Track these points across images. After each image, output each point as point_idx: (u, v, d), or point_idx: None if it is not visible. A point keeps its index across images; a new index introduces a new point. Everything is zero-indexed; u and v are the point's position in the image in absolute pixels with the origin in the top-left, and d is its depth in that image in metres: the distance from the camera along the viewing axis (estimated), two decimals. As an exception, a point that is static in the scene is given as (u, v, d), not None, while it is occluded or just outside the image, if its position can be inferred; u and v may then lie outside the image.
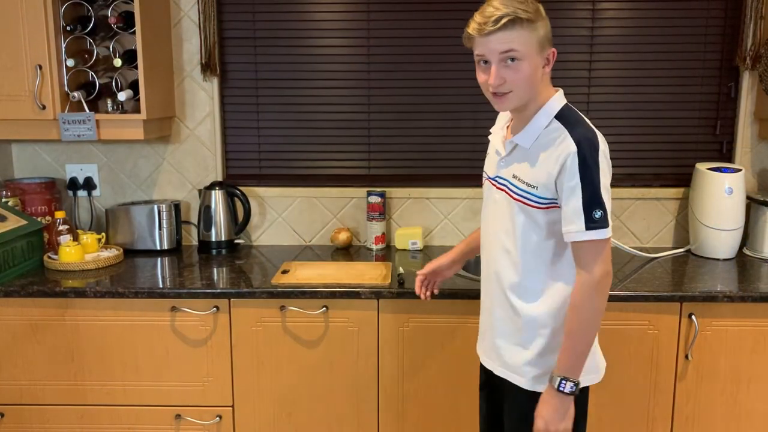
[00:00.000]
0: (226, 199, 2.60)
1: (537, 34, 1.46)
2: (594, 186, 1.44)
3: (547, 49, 1.50)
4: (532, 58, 1.46)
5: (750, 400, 2.14)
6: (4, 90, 2.28)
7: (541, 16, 1.47)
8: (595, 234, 1.45)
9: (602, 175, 1.45)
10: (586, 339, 1.50)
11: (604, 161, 1.46)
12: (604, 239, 1.46)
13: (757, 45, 2.51)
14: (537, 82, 1.50)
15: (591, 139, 1.46)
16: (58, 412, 2.21)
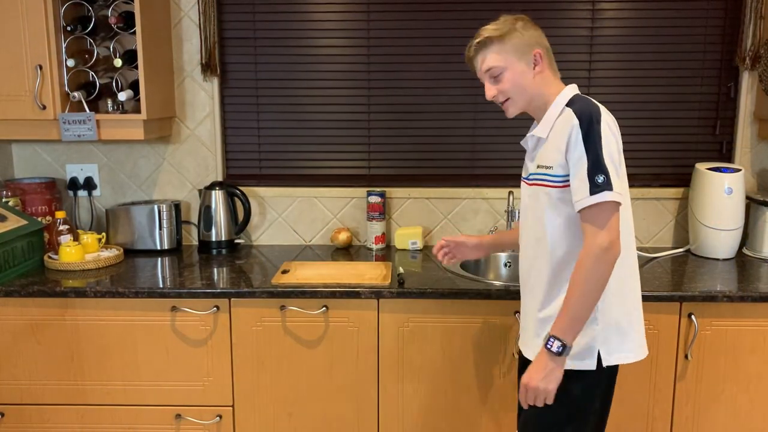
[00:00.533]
0: (226, 199, 2.60)
1: (510, 45, 1.60)
2: (596, 154, 1.47)
3: (528, 53, 1.60)
4: (512, 66, 1.60)
5: (750, 400, 2.15)
6: (5, 90, 2.29)
7: (513, 29, 1.61)
8: (599, 197, 1.46)
9: (605, 143, 1.48)
10: (584, 305, 1.49)
11: (607, 130, 1.49)
12: (609, 202, 1.46)
13: (756, 45, 2.51)
14: (530, 85, 1.61)
15: (591, 111, 1.50)
16: (58, 412, 2.21)
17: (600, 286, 1.49)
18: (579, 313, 1.50)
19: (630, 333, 1.60)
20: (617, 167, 1.50)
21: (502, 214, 2.68)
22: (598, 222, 1.47)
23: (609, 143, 1.48)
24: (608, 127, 1.50)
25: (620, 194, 1.48)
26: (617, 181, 1.48)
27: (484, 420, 2.18)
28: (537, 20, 2.60)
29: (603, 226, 1.46)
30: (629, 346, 1.60)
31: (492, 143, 2.69)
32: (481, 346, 2.13)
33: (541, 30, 1.67)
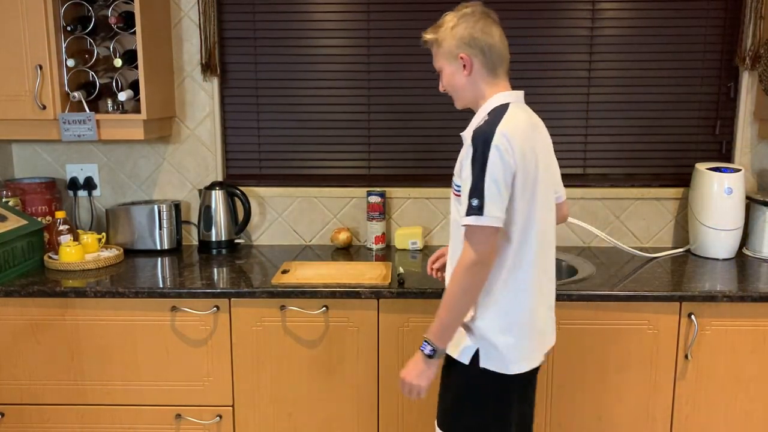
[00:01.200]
0: (226, 199, 2.60)
1: (443, 50, 1.67)
2: (478, 178, 1.53)
3: (456, 58, 1.66)
4: (446, 68, 1.69)
5: (749, 400, 2.15)
6: (5, 90, 2.29)
7: (445, 31, 1.66)
8: (470, 220, 1.54)
9: (489, 168, 1.52)
10: (451, 313, 1.59)
11: (496, 155, 1.52)
12: (478, 226, 1.53)
13: (756, 45, 2.51)
14: (462, 86, 1.68)
15: (485, 135, 1.54)
16: (58, 412, 2.21)
17: (465, 296, 1.57)
18: (447, 321, 1.59)
19: (513, 347, 1.63)
20: (496, 192, 1.53)
21: (502, 214, 2.68)
22: (471, 240, 1.55)
23: (493, 168, 1.52)
24: (498, 152, 1.52)
25: (495, 218, 1.53)
26: (493, 207, 1.53)
27: (484, 420, 2.18)
28: (537, 20, 2.62)
29: (472, 245, 1.54)
30: (509, 358, 1.62)
31: (492, 143, 2.69)
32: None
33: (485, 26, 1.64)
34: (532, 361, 1.67)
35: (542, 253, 1.66)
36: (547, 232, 1.68)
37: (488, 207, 1.52)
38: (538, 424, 2.18)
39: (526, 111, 1.66)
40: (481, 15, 1.65)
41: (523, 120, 1.61)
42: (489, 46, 1.64)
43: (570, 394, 2.16)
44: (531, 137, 1.60)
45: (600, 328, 2.11)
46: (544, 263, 1.67)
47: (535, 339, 1.68)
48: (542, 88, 2.65)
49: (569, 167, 2.71)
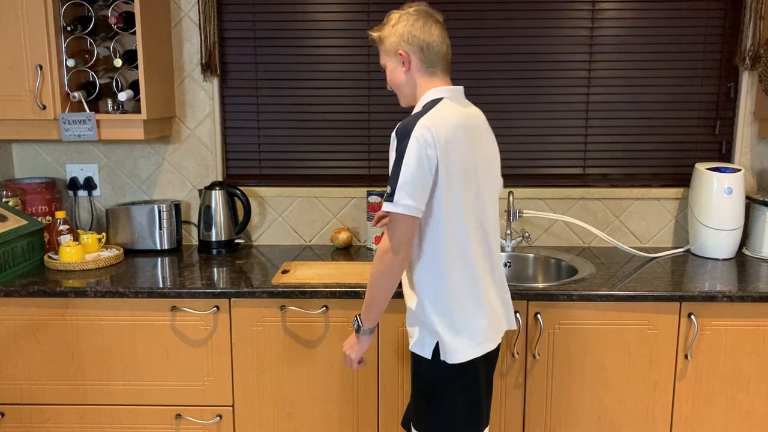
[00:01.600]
0: (226, 199, 2.60)
1: (386, 46, 1.75)
2: (395, 166, 1.60)
3: (395, 54, 1.73)
4: (388, 64, 1.77)
5: (749, 400, 2.15)
6: (5, 90, 2.29)
7: (386, 29, 1.74)
8: (384, 206, 1.61)
9: (406, 158, 1.58)
10: (371, 295, 1.70)
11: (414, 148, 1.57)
12: (392, 212, 1.60)
13: (756, 45, 2.51)
14: (402, 82, 1.75)
15: (406, 127, 1.60)
16: (58, 412, 2.21)
17: (381, 282, 1.66)
18: (368, 301, 1.71)
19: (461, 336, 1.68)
20: (410, 181, 1.57)
21: (502, 214, 2.68)
22: (388, 227, 1.63)
23: (410, 159, 1.57)
24: (416, 143, 1.57)
25: (407, 206, 1.57)
26: (404, 195, 1.57)
27: (484, 420, 2.18)
28: (537, 20, 2.62)
29: (388, 232, 1.63)
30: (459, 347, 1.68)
31: (492, 143, 2.69)
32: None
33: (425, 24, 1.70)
34: (487, 345, 1.73)
35: (484, 240, 1.72)
36: (486, 220, 1.73)
37: (398, 194, 1.58)
38: (539, 424, 2.18)
39: (460, 105, 1.71)
40: (423, 14, 1.71)
41: (452, 113, 1.65)
42: (427, 44, 1.70)
43: (570, 394, 2.16)
44: (458, 128, 1.64)
45: (600, 328, 2.11)
46: (486, 250, 1.73)
47: (486, 324, 1.72)
48: (542, 88, 2.65)
49: (569, 167, 2.71)
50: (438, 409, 1.72)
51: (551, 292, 2.09)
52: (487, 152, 1.76)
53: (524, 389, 2.16)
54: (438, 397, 1.72)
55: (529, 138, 2.69)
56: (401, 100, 1.80)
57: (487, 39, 2.62)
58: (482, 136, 1.75)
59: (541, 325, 2.10)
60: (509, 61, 2.63)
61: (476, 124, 1.73)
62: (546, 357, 2.14)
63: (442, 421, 1.73)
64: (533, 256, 2.56)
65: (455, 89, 1.74)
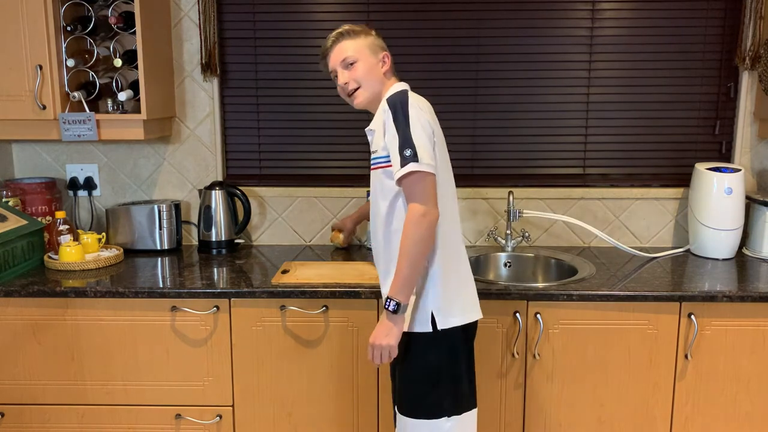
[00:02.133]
0: (226, 199, 2.60)
1: (365, 42, 1.82)
2: (405, 132, 1.66)
3: (379, 52, 1.84)
4: (365, 58, 1.81)
5: (749, 400, 2.15)
6: (5, 90, 2.29)
7: (367, 32, 1.85)
8: (407, 168, 1.64)
9: (412, 122, 1.67)
10: (409, 267, 1.67)
11: (415, 111, 1.69)
12: (417, 172, 1.64)
13: (756, 45, 2.51)
14: (378, 78, 1.82)
15: (400, 98, 1.71)
16: (58, 412, 2.21)
17: (422, 248, 1.67)
18: (407, 274, 1.67)
19: (458, 300, 1.77)
20: (426, 140, 1.67)
21: (502, 214, 2.68)
22: (412, 191, 1.66)
23: (416, 122, 1.67)
24: (415, 110, 1.69)
25: (430, 165, 1.66)
26: (425, 154, 1.66)
27: (484, 419, 2.17)
28: (537, 20, 2.64)
29: (416, 195, 1.66)
30: (458, 311, 1.76)
31: (492, 143, 2.69)
32: (480, 346, 2.13)
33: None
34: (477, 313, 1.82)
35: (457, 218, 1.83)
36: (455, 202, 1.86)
37: (421, 153, 1.65)
38: (539, 424, 2.18)
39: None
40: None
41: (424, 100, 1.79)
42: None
43: (570, 394, 2.16)
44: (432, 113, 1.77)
45: (600, 328, 2.12)
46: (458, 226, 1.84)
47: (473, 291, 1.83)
48: (542, 88, 2.65)
49: (569, 167, 2.71)
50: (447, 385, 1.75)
51: (551, 292, 2.09)
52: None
53: (524, 389, 2.16)
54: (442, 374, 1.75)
55: (529, 138, 2.69)
56: (362, 97, 1.83)
57: (488, 39, 2.62)
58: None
59: (541, 325, 2.10)
60: (509, 61, 2.63)
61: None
62: (546, 357, 2.14)
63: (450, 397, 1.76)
64: (533, 256, 2.56)
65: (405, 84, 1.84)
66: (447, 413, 1.75)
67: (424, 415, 1.77)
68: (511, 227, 2.60)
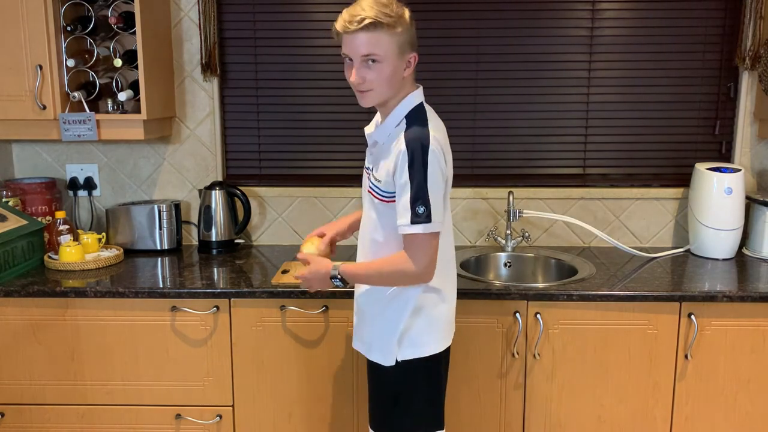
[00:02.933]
0: (226, 199, 2.60)
1: (397, 39, 1.57)
2: (420, 184, 1.54)
3: (407, 53, 1.62)
4: (391, 60, 1.58)
5: (749, 400, 2.15)
6: (5, 90, 2.29)
7: (404, 22, 1.59)
8: (419, 228, 1.56)
9: (430, 173, 1.55)
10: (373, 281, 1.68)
11: (434, 161, 1.55)
12: (427, 233, 1.57)
13: (756, 45, 2.51)
14: (397, 83, 1.63)
15: (421, 140, 1.56)
16: (59, 412, 2.21)
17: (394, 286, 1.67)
18: (365, 280, 1.69)
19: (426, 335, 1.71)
20: (440, 196, 1.58)
21: (502, 214, 2.68)
22: (416, 249, 1.58)
23: (434, 173, 1.55)
24: (435, 157, 1.55)
25: (440, 223, 1.58)
26: (438, 212, 1.57)
27: (484, 419, 2.18)
28: (537, 20, 2.63)
29: (418, 255, 1.58)
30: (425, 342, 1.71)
31: (492, 143, 2.69)
32: (480, 346, 2.13)
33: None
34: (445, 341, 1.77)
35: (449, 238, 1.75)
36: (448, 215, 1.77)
37: (434, 213, 1.56)
38: (539, 424, 2.18)
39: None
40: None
41: (439, 120, 1.69)
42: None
43: (570, 394, 2.16)
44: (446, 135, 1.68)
45: (600, 328, 2.12)
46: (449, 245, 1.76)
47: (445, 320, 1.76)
48: (542, 88, 2.65)
49: (569, 167, 2.71)
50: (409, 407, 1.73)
51: (551, 292, 2.09)
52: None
53: (524, 389, 2.16)
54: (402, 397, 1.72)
55: (529, 138, 2.69)
56: (372, 100, 1.63)
57: (488, 39, 2.62)
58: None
59: (541, 325, 2.10)
60: (509, 61, 2.63)
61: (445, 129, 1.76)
62: (546, 357, 2.14)
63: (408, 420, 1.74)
64: (533, 256, 2.56)
65: (421, 90, 1.72)
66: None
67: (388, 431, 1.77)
68: (511, 227, 2.60)
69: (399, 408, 1.72)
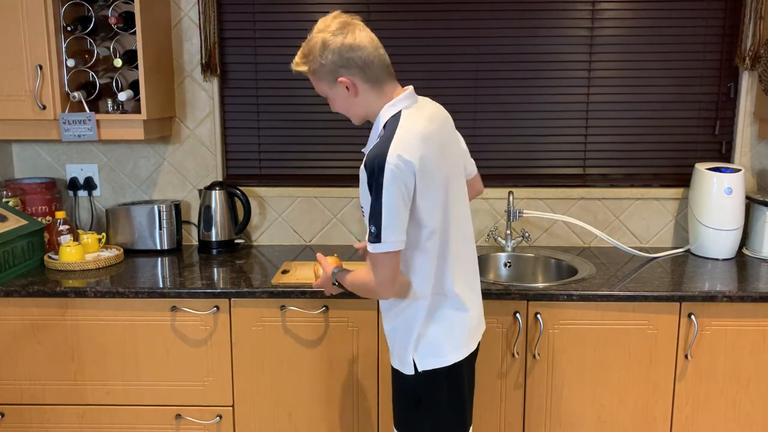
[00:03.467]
0: (226, 199, 2.60)
1: (318, 77, 1.64)
2: (374, 204, 1.54)
3: (335, 83, 1.62)
4: (328, 93, 1.67)
5: (749, 400, 2.15)
6: (5, 90, 2.29)
7: (315, 61, 1.60)
8: (371, 247, 1.56)
9: (384, 194, 1.52)
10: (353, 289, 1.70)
11: (390, 180, 1.51)
12: (378, 253, 1.56)
13: (756, 45, 2.51)
14: (352, 106, 1.66)
15: (378, 158, 1.52)
16: (58, 412, 2.21)
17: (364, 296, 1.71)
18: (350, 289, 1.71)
19: (442, 346, 1.68)
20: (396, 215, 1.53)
21: (502, 214, 2.68)
22: (373, 264, 1.59)
23: (389, 193, 1.51)
24: (392, 175, 1.51)
25: (393, 242, 1.54)
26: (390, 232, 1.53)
27: (484, 419, 2.18)
28: (537, 20, 2.62)
29: (374, 270, 1.59)
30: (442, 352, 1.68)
31: (492, 143, 2.69)
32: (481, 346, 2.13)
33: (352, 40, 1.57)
34: (466, 349, 1.72)
35: (464, 246, 1.71)
36: (462, 224, 1.71)
37: (385, 234, 1.54)
38: (539, 424, 2.18)
39: (417, 110, 1.64)
40: (344, 26, 1.58)
41: (416, 126, 1.58)
42: (363, 60, 1.58)
43: (570, 395, 2.16)
44: (428, 138, 1.58)
45: (600, 328, 2.12)
46: (467, 254, 1.73)
47: (465, 329, 1.72)
48: (542, 88, 2.65)
49: (569, 167, 2.71)
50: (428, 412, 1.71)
51: (551, 292, 2.09)
52: (453, 149, 1.72)
53: (524, 389, 2.16)
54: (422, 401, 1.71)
55: (529, 138, 2.69)
56: (354, 120, 1.70)
57: (487, 39, 2.62)
58: (446, 132, 1.70)
59: (541, 325, 2.10)
60: (509, 61, 2.63)
61: (439, 124, 1.67)
62: (546, 357, 2.14)
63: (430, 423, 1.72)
64: (533, 256, 2.56)
65: (407, 95, 1.65)
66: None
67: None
68: (511, 227, 2.60)
69: (421, 412, 1.71)
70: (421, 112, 1.64)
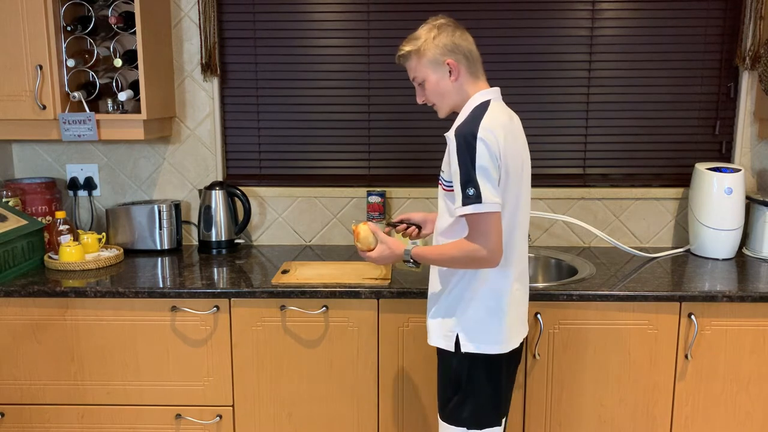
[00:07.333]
0: (226, 199, 2.60)
1: (425, 59, 1.73)
2: (467, 167, 1.61)
3: (442, 64, 1.73)
4: (429, 77, 1.74)
5: (749, 400, 2.15)
6: (5, 90, 2.29)
7: (427, 42, 1.74)
8: (469, 209, 1.61)
9: (478, 157, 1.60)
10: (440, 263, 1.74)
11: (482, 146, 1.60)
12: (480, 213, 1.61)
13: (756, 45, 2.51)
14: (448, 92, 1.75)
15: (469, 126, 1.63)
16: (59, 412, 2.21)
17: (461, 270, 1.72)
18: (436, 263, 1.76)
19: (491, 329, 1.73)
20: (491, 180, 1.61)
21: (502, 214, 2.68)
22: (477, 231, 1.63)
23: (483, 160, 1.60)
24: (483, 143, 1.60)
25: (494, 203, 1.61)
26: (489, 193, 1.60)
27: (484, 420, 2.18)
28: (537, 20, 2.63)
29: (479, 235, 1.63)
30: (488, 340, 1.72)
31: (492, 143, 2.69)
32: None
33: (462, 33, 1.77)
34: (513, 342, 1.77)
35: (522, 243, 1.79)
36: (526, 222, 1.82)
37: (485, 194, 1.60)
38: (539, 424, 2.18)
39: (503, 107, 1.76)
40: (456, 25, 1.79)
41: (503, 115, 1.70)
42: (469, 51, 1.75)
43: (570, 395, 2.16)
44: (511, 129, 1.70)
45: (600, 328, 2.12)
46: (524, 247, 1.81)
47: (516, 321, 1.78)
48: (542, 88, 2.65)
49: (569, 167, 2.71)
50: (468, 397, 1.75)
51: (551, 292, 2.09)
52: (525, 155, 1.81)
53: (524, 389, 2.16)
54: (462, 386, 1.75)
55: (529, 138, 2.65)
56: (442, 111, 1.78)
57: (487, 39, 2.62)
58: (522, 139, 1.80)
59: (541, 325, 2.10)
60: (509, 61, 2.63)
61: (517, 125, 1.78)
62: (546, 357, 2.14)
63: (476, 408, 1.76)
64: (533, 256, 2.56)
65: (496, 90, 1.78)
66: (466, 424, 1.75)
67: (446, 419, 1.78)
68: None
69: (459, 396, 1.75)
70: (505, 110, 1.76)
